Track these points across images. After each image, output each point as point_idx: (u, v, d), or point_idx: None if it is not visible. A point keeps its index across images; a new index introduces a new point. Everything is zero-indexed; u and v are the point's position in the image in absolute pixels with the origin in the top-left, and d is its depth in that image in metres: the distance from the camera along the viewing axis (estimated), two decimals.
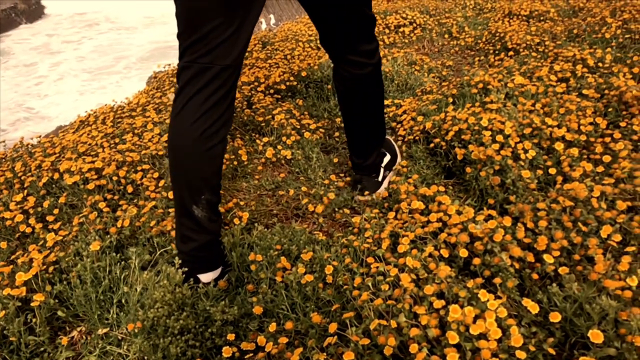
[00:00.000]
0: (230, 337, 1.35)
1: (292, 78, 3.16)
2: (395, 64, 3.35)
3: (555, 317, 1.21)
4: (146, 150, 2.33)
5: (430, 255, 1.45)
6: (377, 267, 1.45)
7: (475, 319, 1.18)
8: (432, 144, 2.22)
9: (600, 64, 2.76)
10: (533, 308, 1.24)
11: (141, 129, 2.64)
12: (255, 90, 3.04)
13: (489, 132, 1.98)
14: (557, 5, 4.81)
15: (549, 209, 1.59)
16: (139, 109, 3.00)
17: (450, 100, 2.64)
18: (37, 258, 1.65)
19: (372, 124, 1.95)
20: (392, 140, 2.25)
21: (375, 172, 2.01)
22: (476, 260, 1.44)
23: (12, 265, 1.67)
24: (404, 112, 2.68)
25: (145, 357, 1.35)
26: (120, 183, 2.15)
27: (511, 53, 3.52)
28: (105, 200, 2.06)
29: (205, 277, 1.54)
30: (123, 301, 1.54)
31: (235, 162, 2.32)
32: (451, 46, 4.26)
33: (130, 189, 2.13)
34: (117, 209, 1.99)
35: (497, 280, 1.37)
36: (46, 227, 1.98)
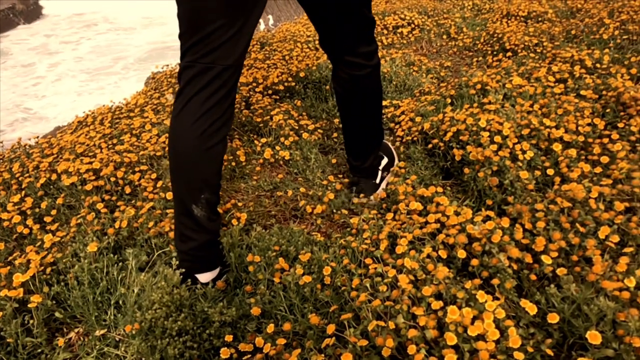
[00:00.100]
0: (228, 338, 1.35)
1: (290, 79, 3.15)
2: (393, 65, 3.35)
3: (553, 318, 1.21)
4: (144, 151, 2.33)
5: (428, 256, 1.45)
6: (375, 268, 1.45)
7: (473, 320, 1.18)
8: (430, 145, 2.22)
9: (598, 65, 2.77)
10: (531, 309, 1.25)
11: (139, 129, 2.64)
12: (254, 91, 3.03)
13: (487, 133, 1.98)
14: (555, 6, 4.82)
15: (547, 209, 1.59)
16: (137, 110, 3.00)
17: (449, 101, 2.64)
18: (35, 259, 1.64)
19: (370, 125, 1.94)
20: (389, 143, 2.25)
21: (373, 175, 2.01)
22: (474, 261, 1.44)
23: (9, 267, 1.67)
24: (402, 112, 2.68)
25: (143, 359, 1.35)
26: (118, 184, 2.15)
27: (509, 54, 3.53)
28: (103, 201, 2.06)
29: (204, 277, 1.54)
30: (120, 302, 1.54)
31: (234, 163, 2.32)
32: (449, 47, 4.26)
33: (128, 189, 2.13)
34: (115, 210, 1.99)
35: (495, 281, 1.37)
36: (44, 228, 1.98)
